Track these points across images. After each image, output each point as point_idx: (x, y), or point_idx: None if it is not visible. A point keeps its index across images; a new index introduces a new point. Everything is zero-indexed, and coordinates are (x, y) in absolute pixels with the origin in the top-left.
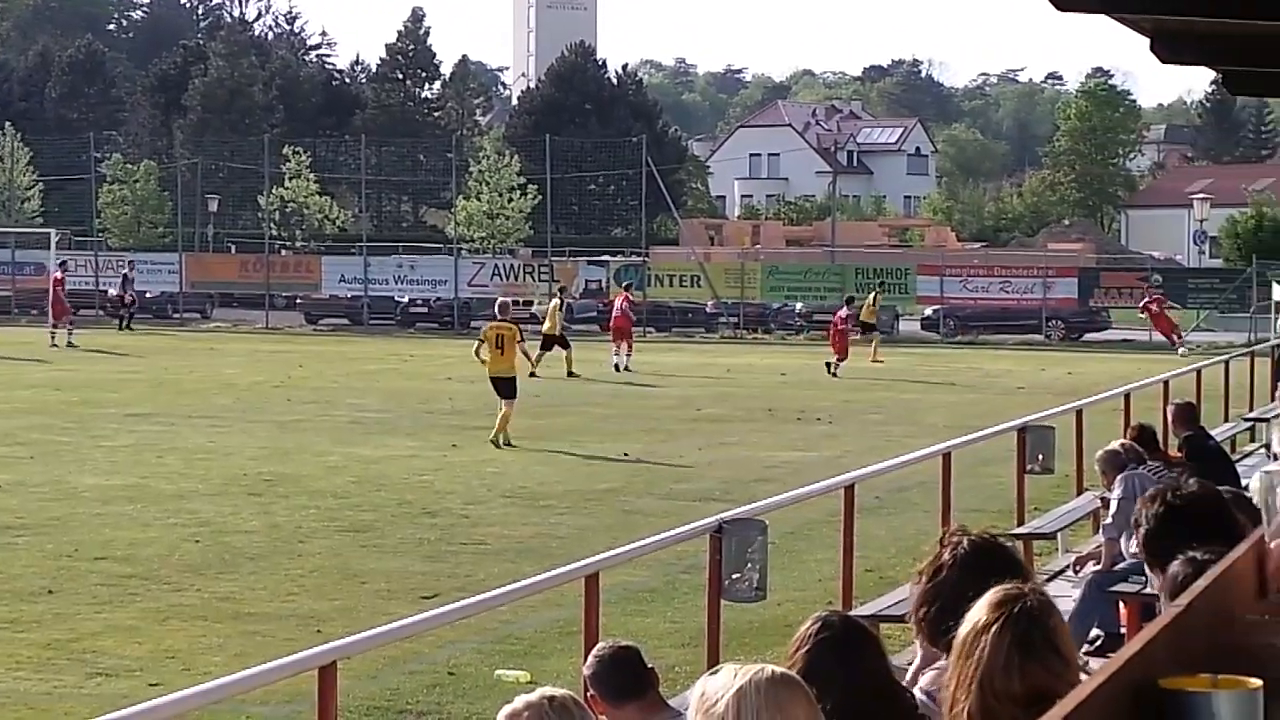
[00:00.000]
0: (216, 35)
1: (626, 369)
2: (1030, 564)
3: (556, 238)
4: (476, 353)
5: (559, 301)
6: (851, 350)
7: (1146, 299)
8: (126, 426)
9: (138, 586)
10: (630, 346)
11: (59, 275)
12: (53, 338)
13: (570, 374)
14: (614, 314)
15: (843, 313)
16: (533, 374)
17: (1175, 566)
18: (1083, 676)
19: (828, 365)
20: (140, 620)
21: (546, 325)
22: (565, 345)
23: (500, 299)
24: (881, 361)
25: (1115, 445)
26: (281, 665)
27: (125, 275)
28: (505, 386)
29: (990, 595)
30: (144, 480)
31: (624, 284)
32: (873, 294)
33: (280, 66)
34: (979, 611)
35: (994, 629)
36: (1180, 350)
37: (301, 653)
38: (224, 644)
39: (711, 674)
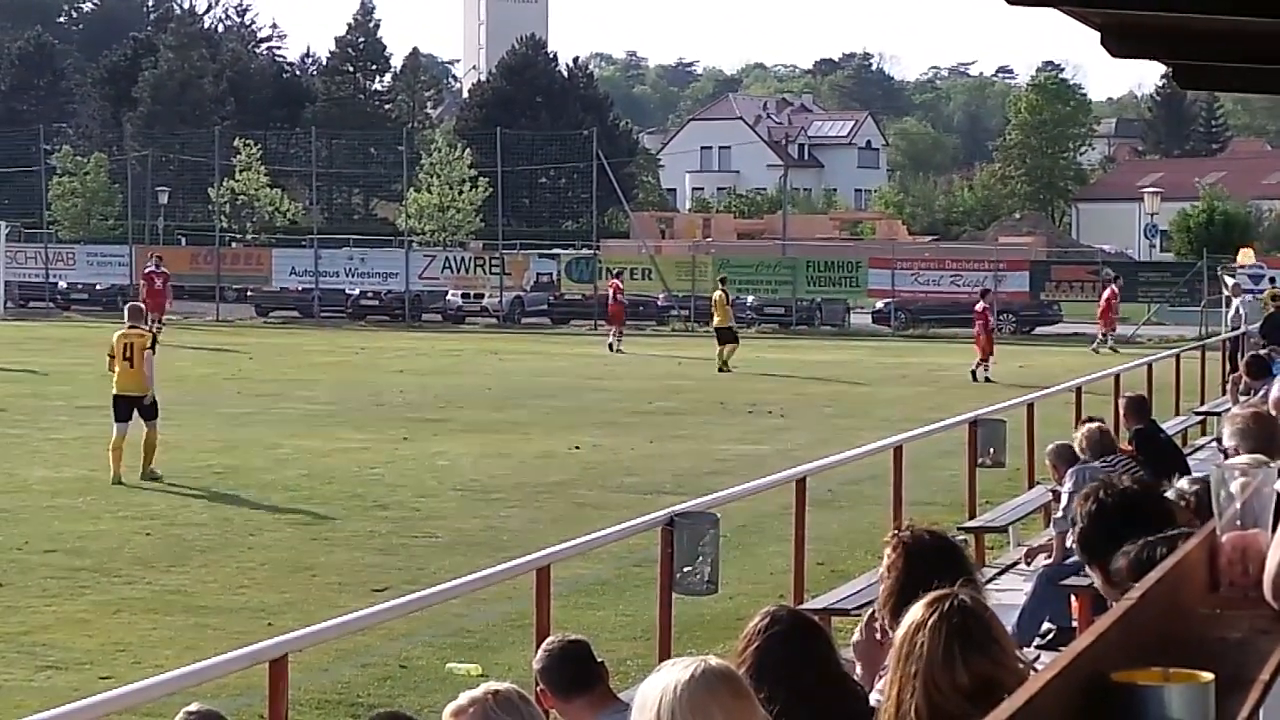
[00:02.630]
0: (166, 27)
1: (619, 351)
2: (981, 557)
3: (507, 230)
4: (110, 367)
5: (723, 294)
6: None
7: (1107, 291)
8: (76, 419)
9: (88, 579)
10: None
11: (150, 270)
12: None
13: (722, 369)
14: (609, 301)
15: (980, 305)
16: (722, 369)
17: (1121, 559)
18: (1033, 670)
19: (973, 373)
20: (91, 613)
21: (717, 319)
22: (733, 339)
23: (131, 304)
24: None
25: (1094, 426)
26: (232, 658)
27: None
28: (139, 407)
29: (923, 598)
30: (94, 473)
31: (615, 273)
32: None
33: (230, 59)
34: (914, 612)
35: (930, 624)
36: (1094, 346)
37: (252, 646)
38: (175, 637)
39: (655, 672)
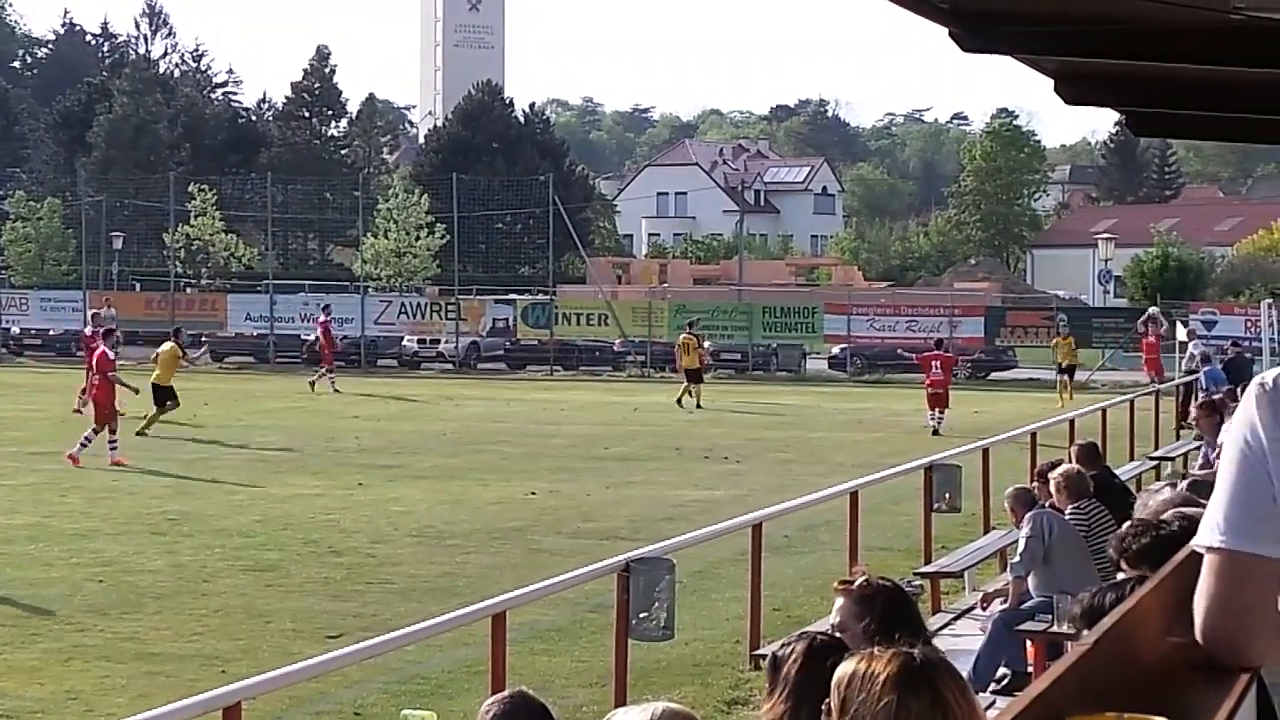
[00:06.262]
0: (121, 73)
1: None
2: (937, 602)
3: (464, 276)
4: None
5: (691, 337)
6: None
7: (1145, 330)
8: (29, 465)
9: (39, 627)
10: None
11: (324, 319)
12: (317, 383)
13: (679, 403)
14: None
15: (934, 355)
16: (696, 405)
17: (1075, 607)
18: (990, 714)
19: (935, 428)
20: (42, 661)
21: (685, 361)
22: (699, 380)
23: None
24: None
25: (1071, 468)
26: (185, 706)
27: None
28: None
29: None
30: (46, 519)
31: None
32: (1063, 335)
33: (186, 104)
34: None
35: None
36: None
37: (206, 693)
38: (127, 685)
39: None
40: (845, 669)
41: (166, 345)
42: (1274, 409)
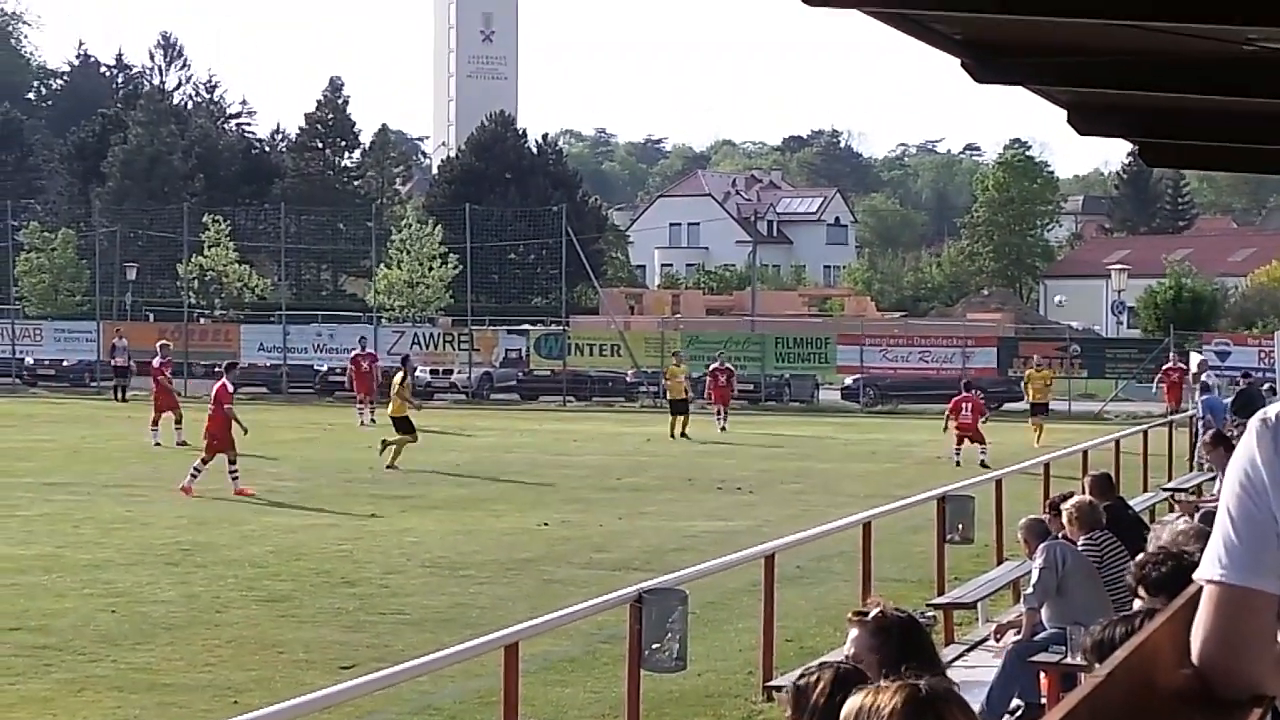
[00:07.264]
0: (136, 103)
1: (722, 429)
2: (950, 634)
3: (476, 306)
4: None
5: (675, 368)
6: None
7: (1168, 365)
8: (42, 495)
9: (53, 657)
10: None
11: (358, 352)
12: (360, 418)
13: (671, 435)
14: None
15: (964, 398)
16: (682, 436)
17: (1098, 631)
18: None
19: (958, 460)
20: (55, 692)
21: (670, 393)
22: (684, 411)
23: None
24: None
25: (1084, 499)
26: None
27: (115, 344)
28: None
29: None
30: (60, 550)
31: (716, 354)
32: (1037, 367)
33: (200, 135)
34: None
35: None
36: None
37: None
38: (140, 715)
39: None
40: (853, 703)
41: (397, 377)
42: (1275, 444)
